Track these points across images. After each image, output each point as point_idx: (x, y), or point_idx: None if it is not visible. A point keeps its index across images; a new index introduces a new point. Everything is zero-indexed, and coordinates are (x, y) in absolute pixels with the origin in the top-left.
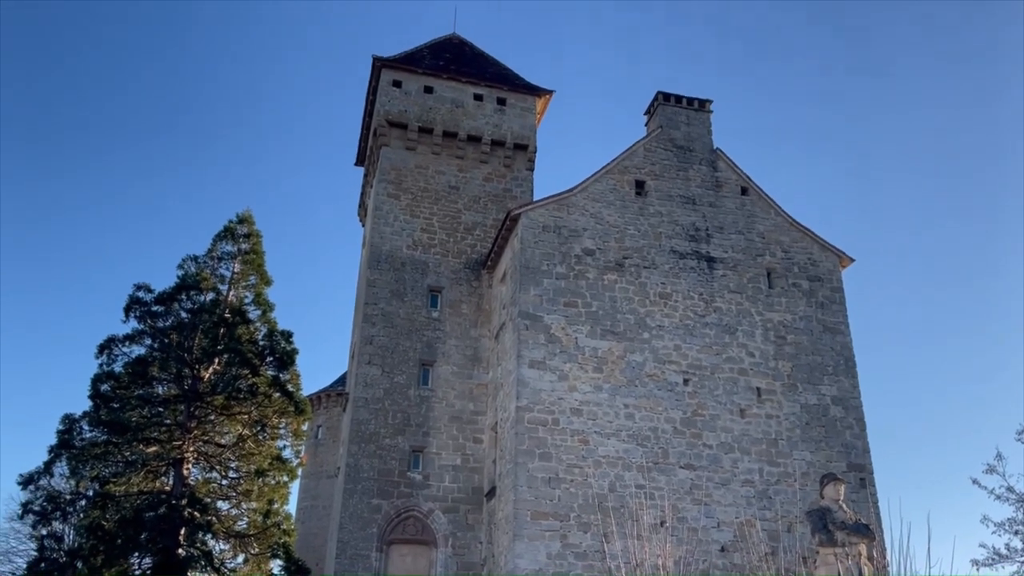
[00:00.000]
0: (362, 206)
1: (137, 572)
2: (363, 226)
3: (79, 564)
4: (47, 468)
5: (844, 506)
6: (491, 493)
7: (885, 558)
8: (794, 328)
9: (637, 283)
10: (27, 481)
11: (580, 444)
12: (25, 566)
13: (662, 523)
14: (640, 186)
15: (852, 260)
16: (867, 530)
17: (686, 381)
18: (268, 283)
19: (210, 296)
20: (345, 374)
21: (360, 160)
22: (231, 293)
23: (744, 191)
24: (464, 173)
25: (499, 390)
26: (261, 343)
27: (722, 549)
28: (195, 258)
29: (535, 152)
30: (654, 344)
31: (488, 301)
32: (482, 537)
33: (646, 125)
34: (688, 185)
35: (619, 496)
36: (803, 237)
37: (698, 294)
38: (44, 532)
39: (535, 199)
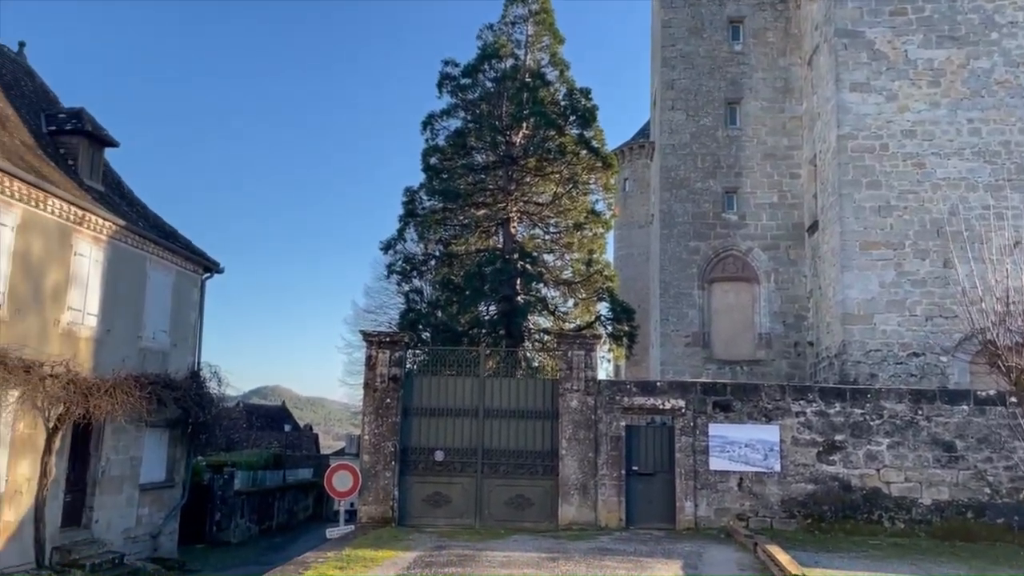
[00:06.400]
0: None
1: (486, 317)
2: None
3: (439, 313)
4: (400, 234)
5: None
6: (813, 227)
7: None
8: None
9: None
10: (387, 246)
11: (914, 168)
12: (398, 316)
13: (1016, 244)
14: None
15: None
16: None
17: None
18: (561, 41)
19: (510, 63)
20: (647, 123)
21: None
22: (528, 57)
23: None
24: None
25: (816, 120)
26: (563, 103)
27: None
28: (490, 26)
29: None
30: (1005, 45)
31: (797, 24)
32: (806, 271)
33: None
34: None
35: (962, 219)
36: None
37: None
38: (407, 288)
39: None
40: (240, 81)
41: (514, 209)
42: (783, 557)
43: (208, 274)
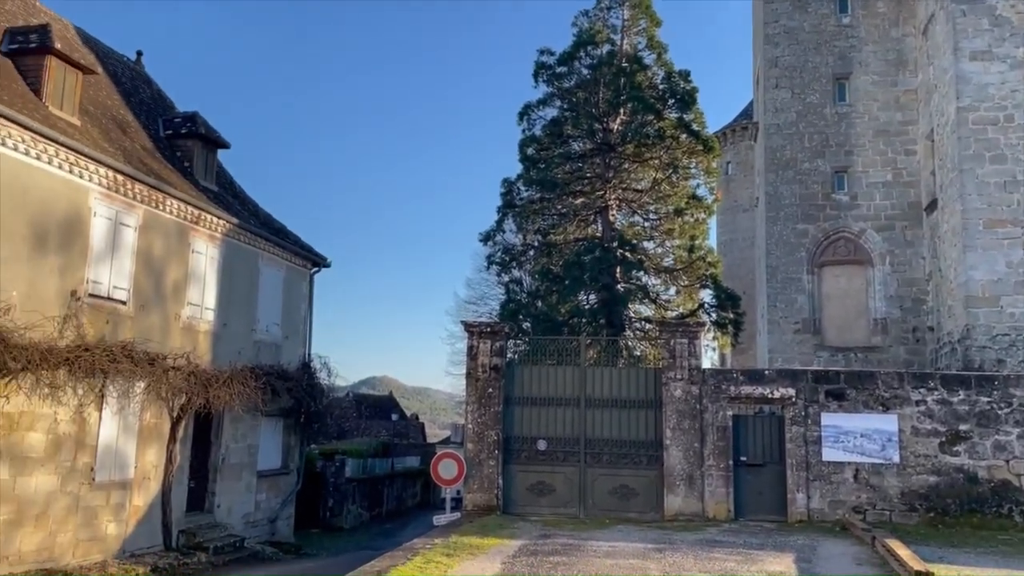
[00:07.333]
0: None
1: (586, 306)
2: None
3: (538, 303)
4: (499, 225)
5: None
6: (931, 206)
7: None
8: None
9: None
10: (486, 238)
11: None
12: (498, 307)
13: None
14: None
15: None
16: None
17: None
18: (658, 24)
19: (606, 48)
20: (749, 104)
21: None
22: (624, 41)
23: None
24: None
25: (932, 93)
26: (661, 87)
27: None
28: (585, 12)
29: None
30: None
31: None
32: (924, 252)
33: None
34: None
35: None
36: None
37: None
38: (507, 279)
39: None
40: (341, 81)
41: (612, 196)
42: (904, 552)
43: (316, 268)
